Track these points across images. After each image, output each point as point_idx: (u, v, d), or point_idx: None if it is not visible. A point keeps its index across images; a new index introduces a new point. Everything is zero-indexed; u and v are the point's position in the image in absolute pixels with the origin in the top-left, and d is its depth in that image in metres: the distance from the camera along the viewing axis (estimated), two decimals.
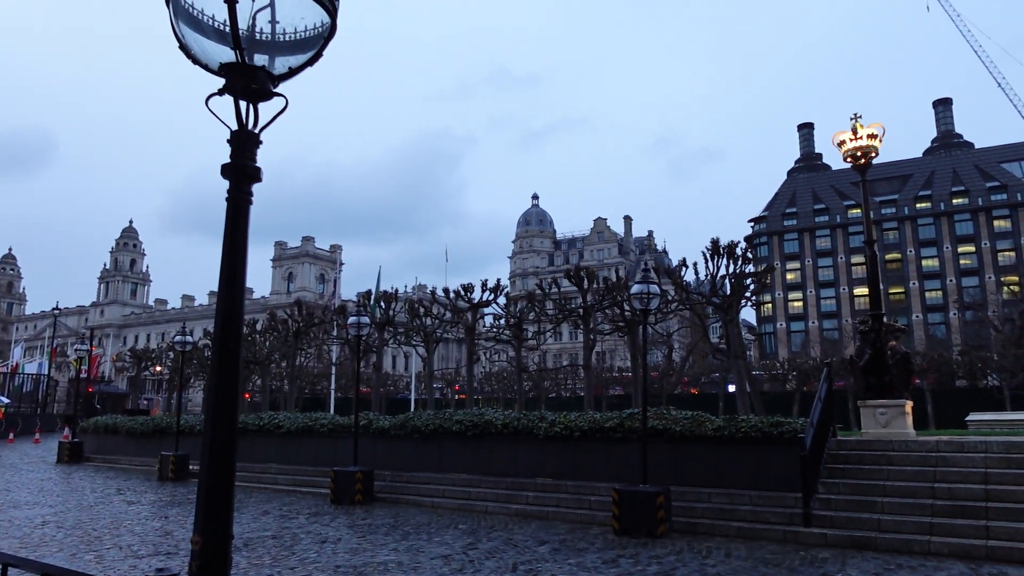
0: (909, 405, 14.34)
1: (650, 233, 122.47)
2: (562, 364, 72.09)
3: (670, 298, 26.18)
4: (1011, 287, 77.20)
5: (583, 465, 15.19)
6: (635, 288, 13.43)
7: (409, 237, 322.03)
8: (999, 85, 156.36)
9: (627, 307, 22.85)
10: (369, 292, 34.23)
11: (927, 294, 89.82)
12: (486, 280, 27.75)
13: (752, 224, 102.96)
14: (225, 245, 2.72)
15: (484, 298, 28.03)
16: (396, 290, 33.81)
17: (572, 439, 15.36)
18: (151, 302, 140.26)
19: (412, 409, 39.83)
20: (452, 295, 30.15)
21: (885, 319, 15.51)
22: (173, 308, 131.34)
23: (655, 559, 10.37)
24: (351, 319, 18.24)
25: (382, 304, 31.66)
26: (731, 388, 32.95)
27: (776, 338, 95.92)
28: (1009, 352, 44.61)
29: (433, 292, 35.47)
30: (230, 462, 2.60)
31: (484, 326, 41.52)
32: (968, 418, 24.81)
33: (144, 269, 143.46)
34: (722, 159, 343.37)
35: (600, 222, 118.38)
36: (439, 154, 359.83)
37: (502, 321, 30.13)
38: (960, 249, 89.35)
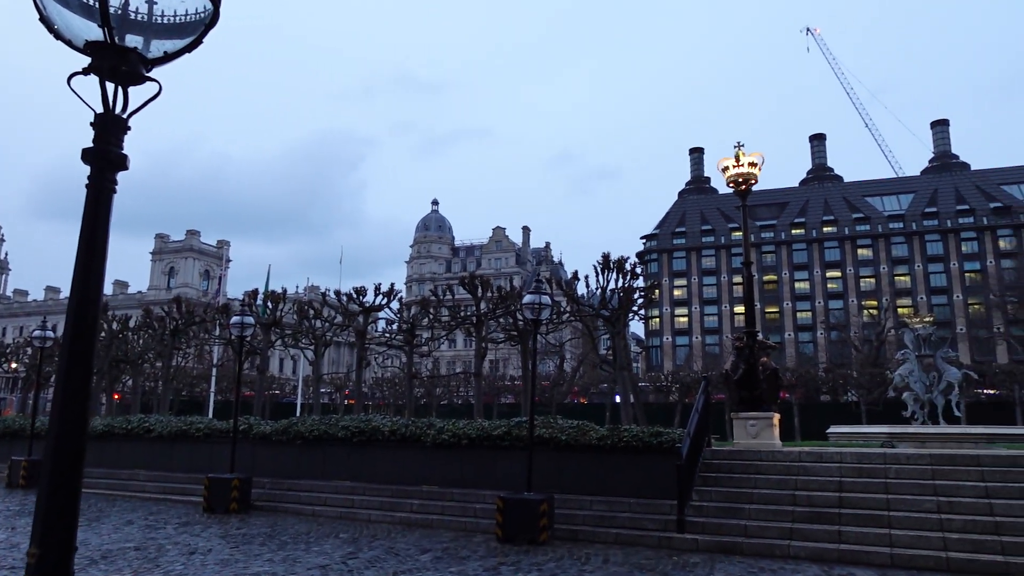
0: (776, 418, 15.29)
1: (547, 244, 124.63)
2: (456, 371, 72.12)
3: (562, 309, 26.75)
4: (870, 311, 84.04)
5: (470, 473, 15.21)
6: (527, 298, 13.63)
7: (303, 237, 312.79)
8: (866, 125, 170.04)
9: (520, 316, 23.14)
10: (256, 291, 32.89)
11: (799, 314, 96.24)
12: (379, 284, 27.33)
13: (644, 241, 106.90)
14: (83, 236, 2.54)
15: (377, 302, 27.58)
16: (285, 290, 32.64)
17: (460, 447, 15.35)
18: (9, 292, 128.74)
19: (298, 414, 38.55)
20: (344, 298, 29.47)
21: (759, 336, 16.49)
22: (34, 300, 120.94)
23: (536, 566, 10.50)
24: (234, 319, 17.48)
25: (269, 304, 30.52)
26: (618, 399, 34.02)
27: (662, 351, 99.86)
28: (866, 370, 48.48)
29: (324, 294, 34.49)
30: (76, 466, 2.43)
31: (376, 331, 40.89)
32: (829, 430, 26.50)
33: (2, 256, 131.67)
34: (619, 177, 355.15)
35: (499, 231, 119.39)
36: (339, 155, 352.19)
37: (395, 326, 29.74)
38: (828, 274, 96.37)
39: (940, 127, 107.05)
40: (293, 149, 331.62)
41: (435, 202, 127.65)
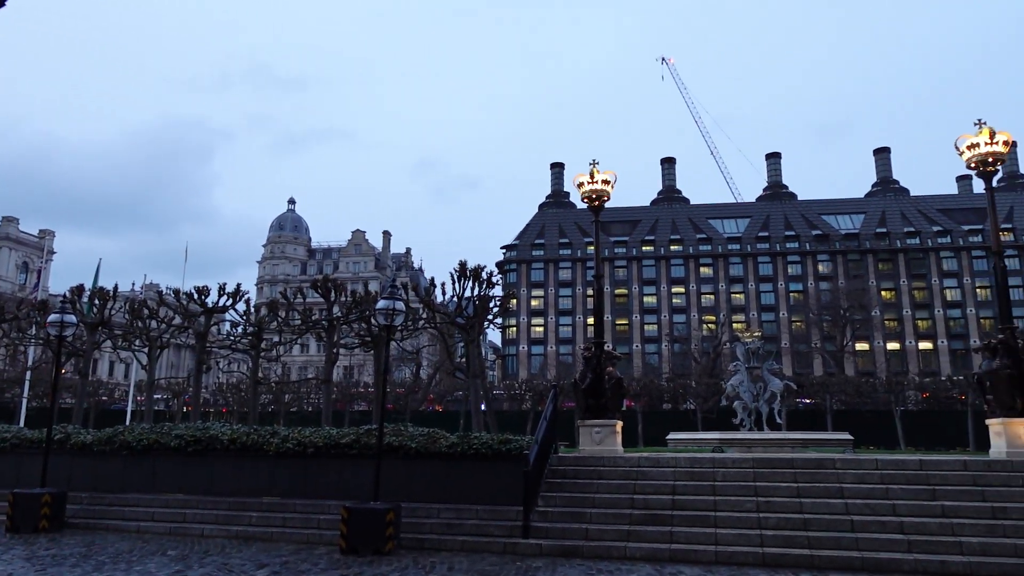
0: (619, 425, 16.01)
1: (408, 250, 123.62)
2: (307, 377, 69.51)
3: (418, 316, 26.58)
4: (709, 325, 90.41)
5: (316, 483, 14.70)
6: (381, 304, 13.40)
7: (144, 231, 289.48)
8: (711, 152, 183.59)
9: (374, 322, 22.72)
10: (82, 287, 29.98)
11: (646, 327, 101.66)
12: (224, 284, 25.80)
13: (504, 251, 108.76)
14: None
15: (222, 303, 26.01)
16: (116, 287, 29.97)
17: (306, 456, 14.79)
18: None
19: (128, 422, 35.48)
20: (184, 297, 27.54)
21: (607, 347, 17.21)
22: None
23: None
24: (52, 316, 15.83)
25: (96, 302, 27.91)
26: (481, 406, 34.23)
27: (518, 360, 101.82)
28: (703, 381, 52.02)
29: (161, 293, 32.05)
30: None
31: (220, 333, 38.48)
32: (668, 437, 28.19)
33: None
34: (482, 187, 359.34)
35: (358, 234, 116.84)
36: (189, 145, 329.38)
37: (240, 329, 28.18)
38: (674, 289, 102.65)
39: (773, 159, 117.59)
40: (135, 135, 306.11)
41: (292, 201, 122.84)
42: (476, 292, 23.35)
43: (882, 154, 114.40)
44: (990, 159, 14.83)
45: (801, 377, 67.77)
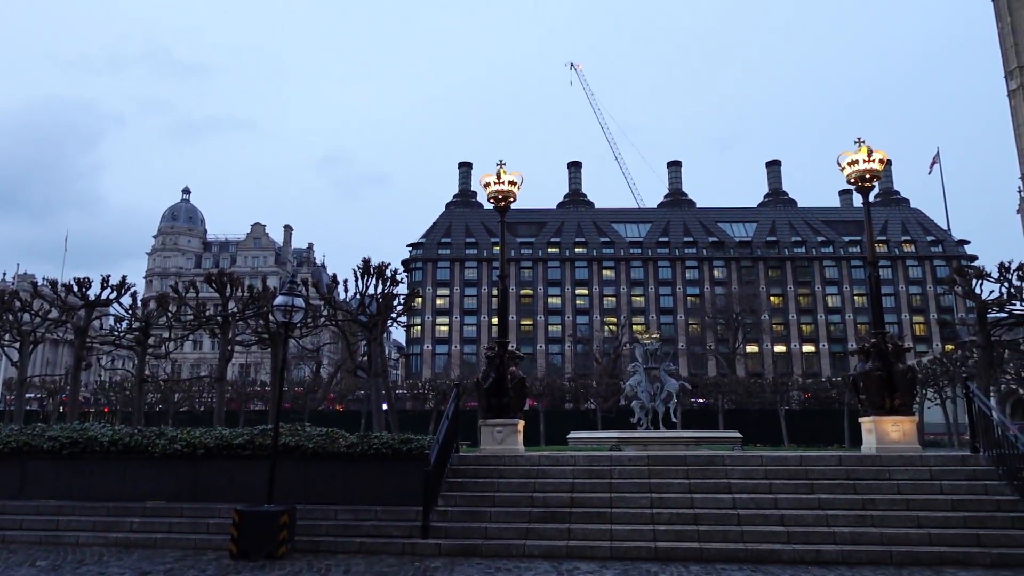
0: (521, 424, 16.16)
1: (310, 246, 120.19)
2: (200, 375, 66.26)
3: (319, 313, 25.86)
4: (610, 327, 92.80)
5: (207, 485, 14.04)
6: (279, 300, 12.95)
7: (18, 218, 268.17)
8: (616, 158, 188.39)
9: (272, 318, 21.93)
10: None
11: (550, 327, 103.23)
12: (108, 276, 24.15)
13: (410, 249, 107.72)
14: None
15: (105, 296, 24.34)
16: None
17: (195, 457, 14.10)
18: None
19: None
20: (62, 289, 25.62)
21: (511, 347, 17.33)
22: None
23: None
24: None
25: None
26: (383, 406, 33.73)
27: (422, 359, 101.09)
28: (604, 381, 53.33)
29: (35, 284, 29.69)
30: None
31: (102, 328, 36.05)
32: (569, 436, 28.71)
33: None
34: (389, 184, 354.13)
35: (258, 228, 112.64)
36: (72, 129, 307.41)
37: (125, 324, 26.47)
38: (577, 291, 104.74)
39: (674, 167, 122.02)
40: (13, 116, 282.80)
41: (187, 191, 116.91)
42: (380, 290, 22.97)
43: (773, 167, 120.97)
44: (867, 175, 15.94)
45: (696, 378, 70.69)
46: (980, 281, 27.50)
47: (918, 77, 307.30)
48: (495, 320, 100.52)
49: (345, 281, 24.63)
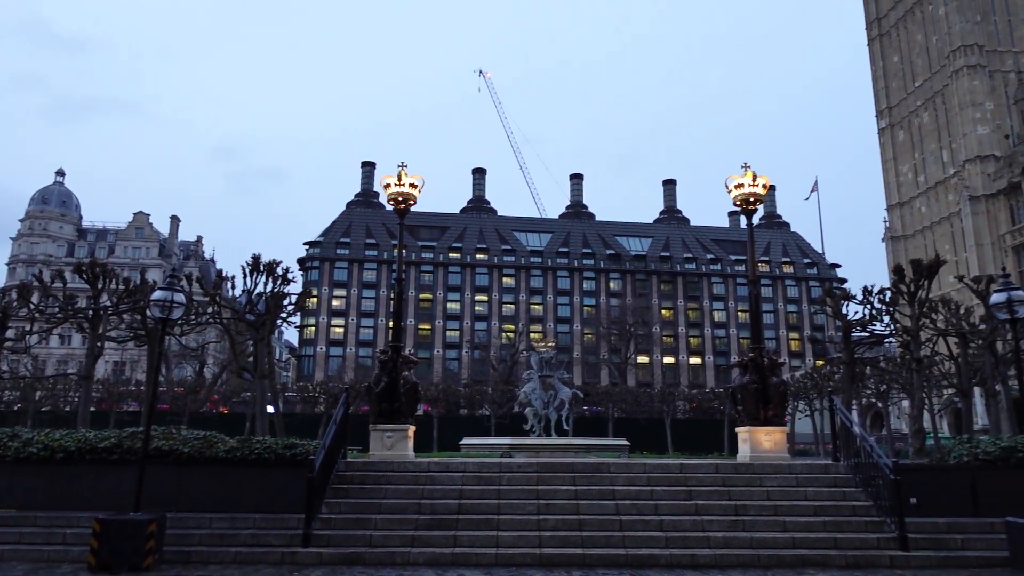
0: (412, 430, 15.96)
1: (199, 239, 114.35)
2: (66, 372, 61.44)
3: (202, 310, 24.58)
4: (508, 334, 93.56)
5: (67, 493, 13.03)
6: (157, 294, 12.21)
7: None
8: (520, 167, 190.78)
9: (149, 313, 20.68)
10: None
11: (448, 333, 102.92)
12: None
13: (307, 247, 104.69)
14: None
15: None
16: None
17: (55, 462, 13.06)
18: None
19: None
20: None
21: (408, 351, 17.11)
22: None
23: None
24: None
25: None
26: (269, 409, 32.46)
27: (315, 361, 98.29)
28: (499, 387, 53.63)
29: None
30: None
31: None
32: (462, 442, 28.65)
33: None
34: (288, 180, 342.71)
35: (141, 217, 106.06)
36: None
37: None
38: (477, 297, 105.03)
39: (576, 180, 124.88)
40: None
41: (60, 172, 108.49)
42: (270, 288, 22.09)
43: (669, 185, 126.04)
44: (751, 198, 16.86)
45: (589, 386, 72.34)
46: (846, 303, 29.66)
47: (805, 109, 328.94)
48: (392, 323, 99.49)
49: (233, 278, 23.61)
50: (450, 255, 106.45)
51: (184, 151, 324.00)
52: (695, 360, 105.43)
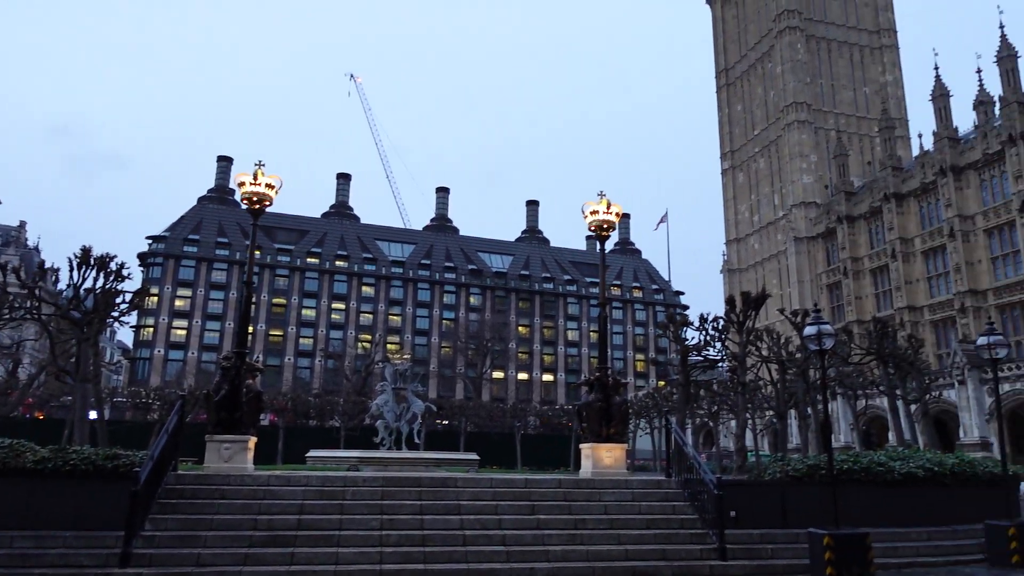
0: (252, 441, 15.22)
1: (22, 224, 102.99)
2: None
3: (16, 303, 22.15)
4: (364, 344, 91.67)
5: None
6: None
7: None
8: (387, 176, 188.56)
9: None
10: None
11: (302, 340, 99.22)
12: None
13: (151, 242, 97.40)
14: None
15: None
16: None
17: None
18: None
19: None
20: None
21: (256, 358, 16.34)
22: None
23: None
24: None
25: None
26: (93, 415, 29.65)
27: (151, 364, 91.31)
28: (351, 399, 52.38)
29: None
30: None
31: None
32: (308, 454, 27.70)
33: None
34: (132, 166, 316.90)
35: None
36: None
37: None
38: (334, 305, 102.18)
39: (442, 193, 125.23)
40: None
41: None
42: (101, 284, 20.29)
43: (532, 206, 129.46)
44: (605, 225, 17.73)
45: (443, 400, 72.33)
46: (685, 328, 31.84)
47: (663, 144, 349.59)
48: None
49: (59, 270, 21.48)
50: (308, 260, 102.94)
51: (13, 128, 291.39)
52: (548, 377, 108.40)
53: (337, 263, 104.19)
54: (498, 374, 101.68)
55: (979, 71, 59.15)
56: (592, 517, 14.01)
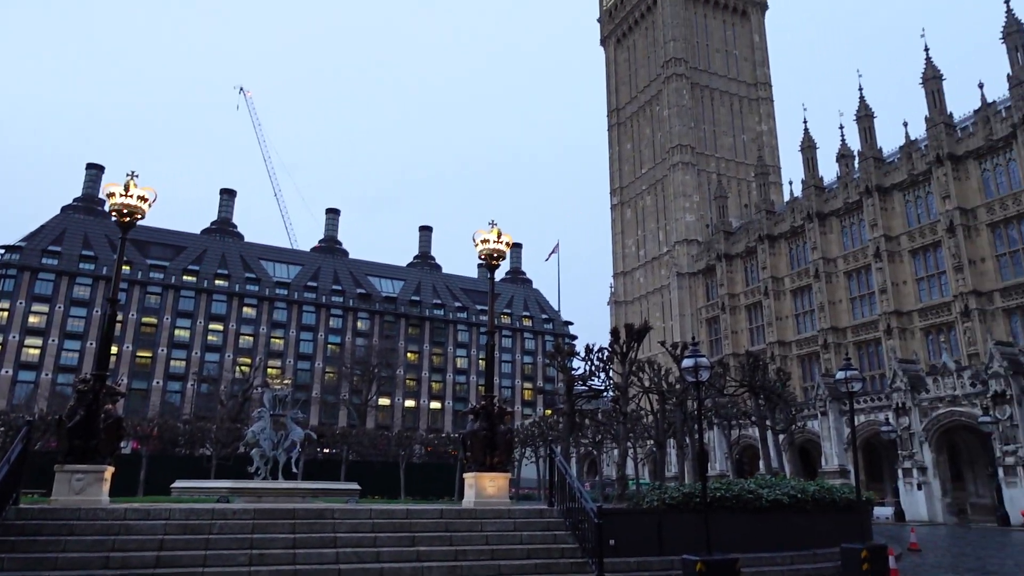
0: (109, 471, 14.02)
1: None
2: None
3: None
4: (243, 367, 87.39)
5: None
6: None
7: None
8: (275, 194, 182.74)
9: None
10: None
11: (173, 362, 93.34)
12: None
13: (2, 252, 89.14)
14: None
15: None
16: None
17: None
18: None
19: None
20: None
21: (118, 380, 15.11)
22: None
23: None
24: None
25: None
26: None
27: None
28: (225, 425, 49.60)
29: None
30: None
31: None
32: (173, 485, 25.83)
33: None
34: None
35: None
36: None
37: None
38: (211, 326, 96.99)
39: (332, 214, 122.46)
40: None
41: None
42: None
43: (425, 232, 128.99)
44: (495, 254, 17.83)
45: (325, 427, 69.96)
46: (572, 358, 32.47)
47: (558, 176, 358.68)
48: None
49: None
50: (184, 278, 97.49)
51: None
52: (435, 404, 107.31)
53: (217, 282, 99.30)
54: (384, 401, 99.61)
55: (841, 127, 64.65)
56: (473, 548, 13.82)
